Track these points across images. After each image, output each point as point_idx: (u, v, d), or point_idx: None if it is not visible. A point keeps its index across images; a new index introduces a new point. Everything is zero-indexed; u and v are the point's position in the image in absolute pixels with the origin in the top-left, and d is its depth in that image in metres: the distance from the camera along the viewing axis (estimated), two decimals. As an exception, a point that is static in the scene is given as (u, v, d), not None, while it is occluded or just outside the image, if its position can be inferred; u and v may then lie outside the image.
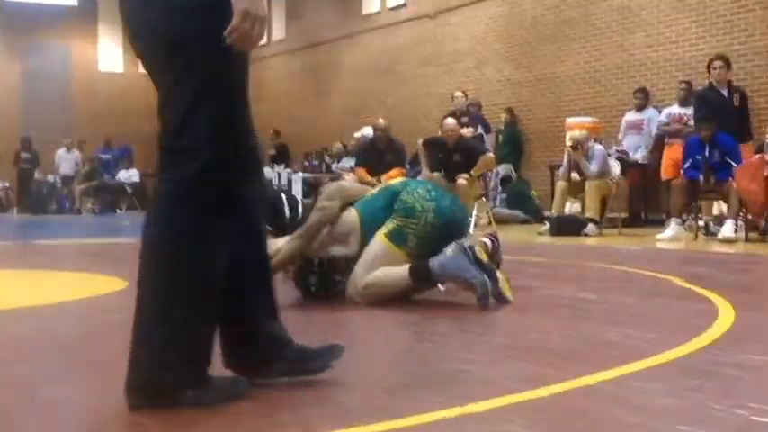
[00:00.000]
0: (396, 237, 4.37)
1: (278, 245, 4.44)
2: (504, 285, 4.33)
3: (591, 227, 10.73)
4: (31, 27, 24.60)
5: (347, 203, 4.57)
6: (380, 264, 4.35)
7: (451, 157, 10.55)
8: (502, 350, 3.30)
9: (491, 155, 11.28)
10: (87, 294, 4.57)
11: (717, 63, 10.48)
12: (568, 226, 10.81)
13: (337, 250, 4.48)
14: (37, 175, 22.47)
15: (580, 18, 14.44)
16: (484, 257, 4.25)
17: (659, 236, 9.81)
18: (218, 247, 2.36)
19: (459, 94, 13.37)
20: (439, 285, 4.37)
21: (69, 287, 5.52)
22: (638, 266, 6.47)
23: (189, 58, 2.31)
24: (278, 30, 22.73)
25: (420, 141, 11.47)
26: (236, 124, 2.40)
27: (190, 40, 2.31)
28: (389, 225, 4.39)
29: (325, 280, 4.58)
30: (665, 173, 11.55)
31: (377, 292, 4.34)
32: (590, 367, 2.79)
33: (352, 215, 4.51)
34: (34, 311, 4.40)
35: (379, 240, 4.39)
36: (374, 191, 4.69)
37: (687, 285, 5.15)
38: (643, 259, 7.58)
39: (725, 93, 10.41)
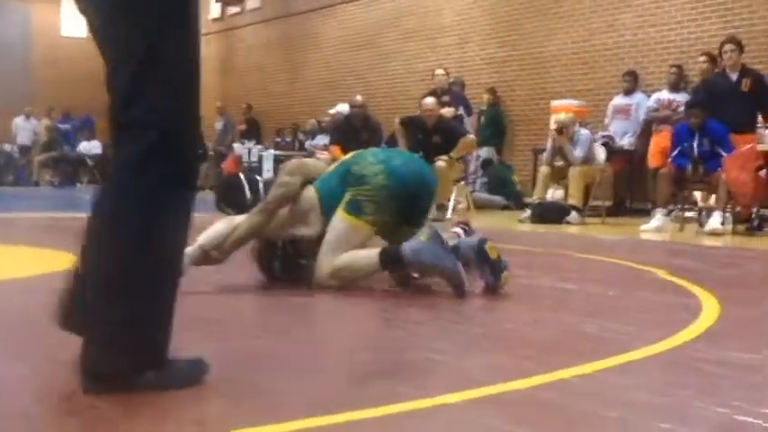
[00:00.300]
0: (352, 207, 4.31)
1: (236, 221, 4.35)
2: (504, 282, 4.22)
3: (573, 215, 10.59)
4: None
5: (308, 180, 4.48)
6: (344, 242, 4.29)
7: (430, 137, 10.41)
8: (476, 340, 3.28)
9: (472, 137, 11.09)
10: (42, 270, 4.35)
11: (728, 46, 10.23)
12: (550, 213, 10.67)
13: (299, 230, 4.40)
14: (-7, 145, 22.03)
15: (569, -4, 14.05)
16: (493, 254, 4.16)
17: (644, 226, 9.71)
18: (175, 222, 2.32)
19: (440, 71, 13.03)
20: (413, 274, 4.36)
21: (23, 263, 5.44)
22: (620, 257, 6.45)
23: (134, 23, 2.24)
24: (253, -2, 22.20)
25: (397, 120, 11.20)
26: (192, 94, 2.33)
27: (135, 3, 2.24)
28: (345, 198, 4.34)
29: (289, 264, 4.49)
30: (653, 161, 11.47)
31: (346, 276, 4.29)
32: (567, 360, 2.77)
33: (310, 193, 4.47)
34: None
35: (339, 217, 4.33)
36: (330, 168, 4.63)
37: (671, 278, 5.13)
38: (626, 250, 7.55)
39: (734, 78, 10.10)
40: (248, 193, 4.97)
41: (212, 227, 4.35)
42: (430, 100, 10.84)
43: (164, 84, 2.26)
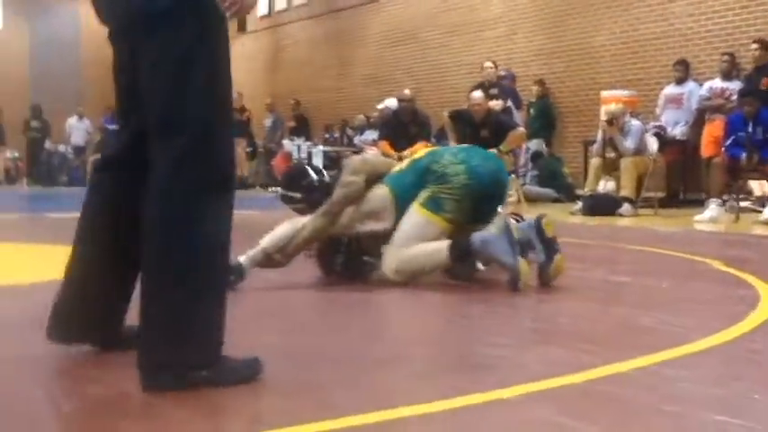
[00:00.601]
0: (432, 204, 4.33)
1: (302, 222, 4.35)
2: (554, 271, 4.20)
3: (626, 206, 10.46)
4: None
5: (373, 178, 4.48)
6: (418, 236, 4.30)
7: (479, 131, 10.36)
8: (532, 334, 3.29)
9: (522, 129, 11.01)
10: None
11: None
12: (602, 205, 10.58)
13: (371, 226, 4.39)
14: (47, 144, 22.26)
15: (617, -15, 13.90)
16: (550, 231, 4.17)
17: (698, 217, 9.59)
18: (216, 226, 2.38)
19: (488, 64, 12.95)
20: (479, 265, 4.39)
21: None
22: (674, 249, 6.37)
23: (169, 33, 2.36)
24: (299, -6, 22.26)
25: (446, 114, 11.15)
26: (222, 102, 2.45)
27: (167, 14, 2.35)
28: (423, 195, 4.35)
29: (352, 260, 4.49)
30: (706, 150, 11.32)
31: (413, 270, 4.30)
32: (624, 353, 2.75)
33: (383, 191, 4.45)
34: (34, 287, 4.32)
35: (415, 212, 4.35)
36: (402, 166, 4.63)
37: (727, 269, 5.07)
38: (680, 241, 7.44)
39: None
40: (314, 175, 4.94)
41: (276, 230, 4.35)
42: (477, 94, 10.76)
43: (196, 94, 2.35)
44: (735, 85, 11.22)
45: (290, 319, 3.64)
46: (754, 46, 10.88)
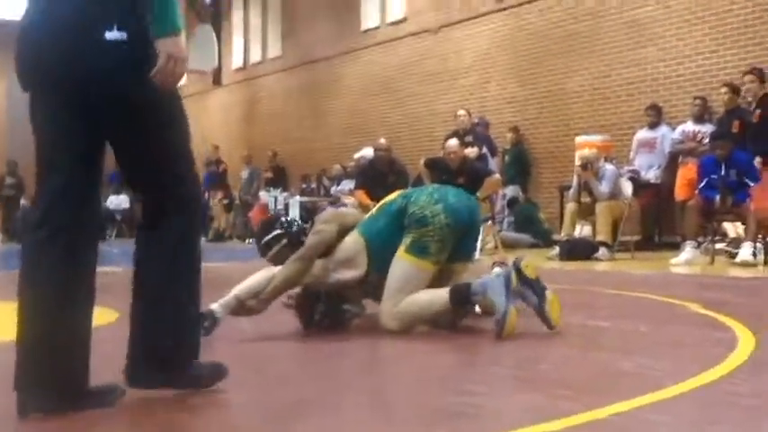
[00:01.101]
0: (416, 249, 4.36)
1: (273, 270, 4.39)
2: (551, 307, 4.21)
3: (602, 251, 10.51)
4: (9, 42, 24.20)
5: (344, 229, 4.52)
6: (410, 282, 4.34)
7: (456, 179, 10.42)
8: (511, 381, 3.29)
9: (497, 176, 11.09)
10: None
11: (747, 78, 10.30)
12: (579, 250, 10.63)
13: (344, 274, 4.41)
14: (23, 201, 22.11)
15: (588, 32, 14.07)
16: (531, 273, 4.20)
17: (674, 260, 9.62)
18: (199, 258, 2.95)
19: (461, 112, 13.03)
20: (476, 308, 4.43)
21: None
22: (652, 292, 6.41)
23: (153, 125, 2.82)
24: (273, 46, 22.35)
25: (422, 162, 11.20)
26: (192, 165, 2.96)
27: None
28: (406, 241, 4.38)
29: (332, 310, 4.48)
30: (680, 193, 11.39)
31: (412, 317, 4.33)
32: (603, 399, 2.77)
33: (354, 238, 4.48)
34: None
35: (401, 259, 4.38)
36: (373, 211, 4.72)
37: (704, 312, 5.11)
38: (657, 284, 7.49)
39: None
40: (288, 218, 4.96)
41: (249, 278, 4.37)
42: (453, 142, 10.84)
43: (181, 163, 2.87)
44: (707, 128, 11.29)
45: (265, 369, 3.61)
46: (724, 89, 11.00)
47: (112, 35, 2.63)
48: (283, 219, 4.92)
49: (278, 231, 4.68)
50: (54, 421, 2.65)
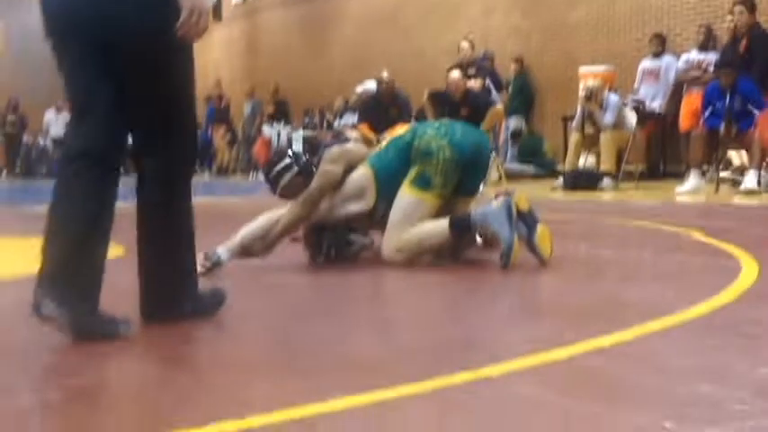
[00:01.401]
0: (420, 182, 4.38)
1: (278, 213, 4.38)
2: (541, 239, 4.17)
3: (607, 181, 10.53)
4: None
5: (352, 166, 4.52)
6: (412, 215, 4.36)
7: (458, 111, 10.40)
8: (515, 312, 3.28)
9: (500, 107, 11.06)
10: None
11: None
12: (583, 180, 10.64)
13: (352, 207, 4.44)
14: (26, 138, 22.11)
15: (592, -39, 13.87)
16: (524, 205, 4.19)
17: (679, 189, 9.63)
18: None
19: (464, 44, 12.89)
20: (477, 238, 4.42)
21: None
22: (656, 221, 6.40)
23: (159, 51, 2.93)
24: (274, -21, 22.13)
25: (425, 94, 11.15)
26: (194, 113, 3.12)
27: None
28: (411, 174, 4.40)
29: (339, 240, 4.51)
30: (684, 123, 11.27)
31: (414, 249, 4.35)
32: (606, 327, 2.76)
33: (363, 171, 4.49)
34: (22, 281, 4.19)
35: (405, 192, 4.40)
36: (383, 143, 4.73)
37: (708, 240, 5.10)
38: (662, 214, 7.45)
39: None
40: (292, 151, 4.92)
41: (254, 221, 4.36)
42: (456, 74, 10.79)
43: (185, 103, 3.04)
44: (711, 57, 11.16)
45: (269, 303, 3.64)
46: (738, 9, 10.62)
47: None
48: (290, 151, 4.89)
49: (287, 161, 4.66)
50: (62, 354, 2.69)
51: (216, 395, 2.21)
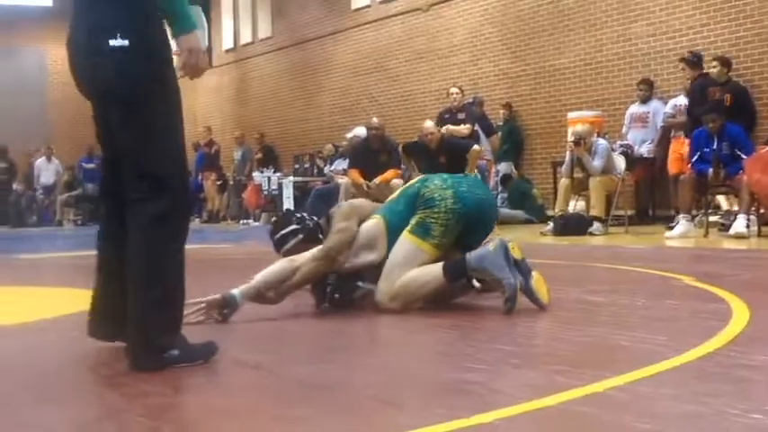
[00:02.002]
0: (419, 230, 4.37)
1: (298, 261, 4.36)
2: (538, 286, 4.20)
3: (596, 225, 10.52)
4: (3, 30, 24.12)
5: (362, 220, 4.53)
6: (408, 263, 4.34)
7: (437, 159, 10.49)
8: (507, 358, 3.23)
9: (476, 147, 11.11)
10: (71, 310, 4.19)
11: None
12: (573, 225, 10.63)
13: (364, 258, 4.43)
14: (15, 186, 22.05)
15: (578, 8, 14.07)
16: (517, 254, 4.18)
17: (668, 233, 9.67)
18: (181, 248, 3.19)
19: (455, 90, 12.99)
20: (474, 282, 4.34)
21: (52, 303, 5.39)
22: (647, 266, 6.40)
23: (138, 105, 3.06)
24: (263, 27, 22.29)
25: (400, 148, 11.25)
26: (182, 156, 3.17)
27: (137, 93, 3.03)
28: (412, 221, 4.40)
29: (345, 285, 4.46)
30: (672, 167, 11.43)
31: (409, 296, 4.32)
32: (599, 373, 2.77)
33: (375, 222, 4.51)
34: (14, 330, 4.33)
35: (404, 239, 4.39)
36: (394, 195, 4.71)
37: (699, 285, 5.10)
38: (652, 258, 7.47)
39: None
40: (301, 214, 4.96)
41: (270, 267, 4.34)
42: (428, 124, 10.93)
43: (168, 148, 3.10)
44: (699, 103, 11.31)
45: (264, 349, 3.62)
46: (714, 63, 11.03)
47: (115, 42, 2.97)
48: (298, 215, 4.91)
49: (294, 226, 4.67)
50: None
51: None
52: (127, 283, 3.11)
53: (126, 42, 2.97)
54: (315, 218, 4.82)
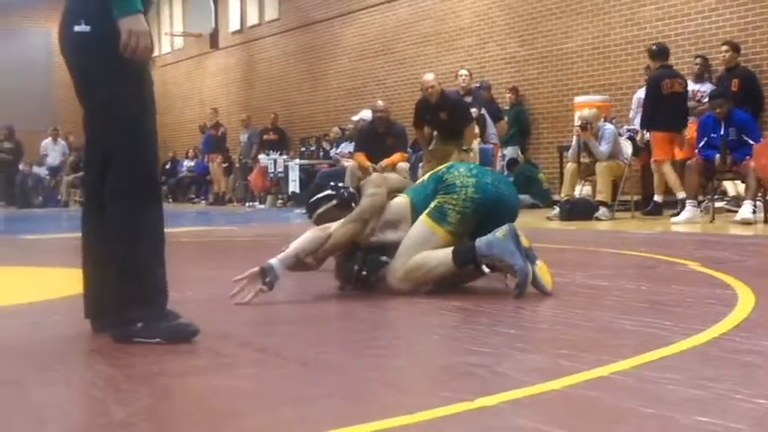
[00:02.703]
0: (436, 214, 4.37)
1: (330, 228, 4.41)
2: (542, 273, 4.20)
3: (603, 210, 10.51)
4: (9, 10, 24.09)
5: (390, 192, 4.56)
6: (420, 245, 4.35)
7: (438, 115, 10.43)
8: (512, 341, 3.23)
9: (473, 125, 11.01)
10: (77, 291, 4.16)
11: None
12: (579, 210, 10.61)
13: (387, 236, 4.44)
14: (22, 166, 22.08)
15: (587, -9, 13.97)
16: (525, 242, 4.17)
17: (674, 219, 9.65)
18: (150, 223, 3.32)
19: (463, 72, 12.92)
20: (484, 268, 4.30)
21: (57, 284, 5.35)
22: (652, 251, 6.38)
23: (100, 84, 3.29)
24: (270, 9, 22.20)
25: (412, 124, 11.17)
26: (149, 132, 3.32)
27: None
28: (431, 205, 4.40)
29: (371, 260, 4.45)
30: (679, 153, 11.20)
31: (418, 278, 4.33)
32: (604, 357, 2.76)
33: (402, 201, 4.54)
34: (20, 310, 4.35)
35: (421, 221, 4.41)
36: (425, 177, 4.73)
37: (704, 270, 5.09)
38: (658, 244, 7.45)
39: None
40: (336, 183, 4.99)
41: (304, 235, 4.39)
42: (429, 76, 10.83)
43: (124, 130, 3.23)
44: (706, 88, 11.25)
45: (266, 331, 3.63)
46: (724, 48, 11.00)
47: (79, 28, 3.22)
48: (334, 183, 4.93)
49: (329, 192, 4.69)
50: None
51: (209, 427, 2.19)
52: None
53: (87, 28, 3.21)
54: (350, 188, 4.87)
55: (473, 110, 12.09)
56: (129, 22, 3.12)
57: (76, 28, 3.24)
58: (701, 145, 9.69)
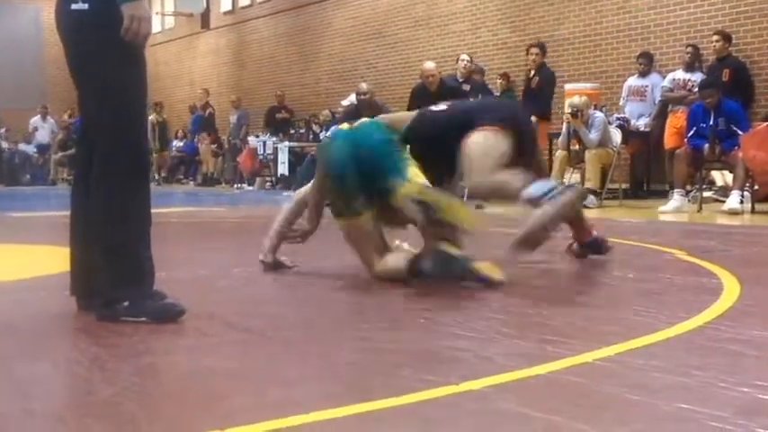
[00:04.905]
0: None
1: (301, 194, 4.61)
2: (485, 270, 4.08)
3: (591, 198, 10.47)
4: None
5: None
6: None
7: (435, 104, 10.37)
8: (498, 327, 3.23)
9: None
10: (63, 269, 4.16)
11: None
12: (567, 197, 10.44)
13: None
14: (6, 144, 21.96)
15: (580, -22, 13.95)
16: (455, 250, 4.10)
17: (662, 207, 9.66)
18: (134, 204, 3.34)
19: (464, 57, 12.71)
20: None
21: (44, 261, 5.37)
22: (640, 239, 6.43)
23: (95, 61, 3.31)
24: (262, -11, 22.11)
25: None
26: (134, 118, 3.36)
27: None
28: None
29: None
30: (669, 142, 11.41)
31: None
32: (589, 344, 2.79)
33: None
34: (7, 287, 4.39)
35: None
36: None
37: (691, 259, 5.12)
38: (645, 232, 7.47)
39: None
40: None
41: (279, 214, 4.48)
42: (430, 65, 10.77)
43: (115, 108, 3.26)
44: (697, 77, 11.24)
45: (249, 313, 3.63)
46: (716, 37, 11.00)
47: (77, 6, 3.24)
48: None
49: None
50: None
51: (195, 406, 2.19)
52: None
53: (85, 6, 3.24)
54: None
55: (470, 97, 12.07)
56: (133, 7, 3.16)
57: (74, 5, 3.26)
58: (690, 134, 9.69)
